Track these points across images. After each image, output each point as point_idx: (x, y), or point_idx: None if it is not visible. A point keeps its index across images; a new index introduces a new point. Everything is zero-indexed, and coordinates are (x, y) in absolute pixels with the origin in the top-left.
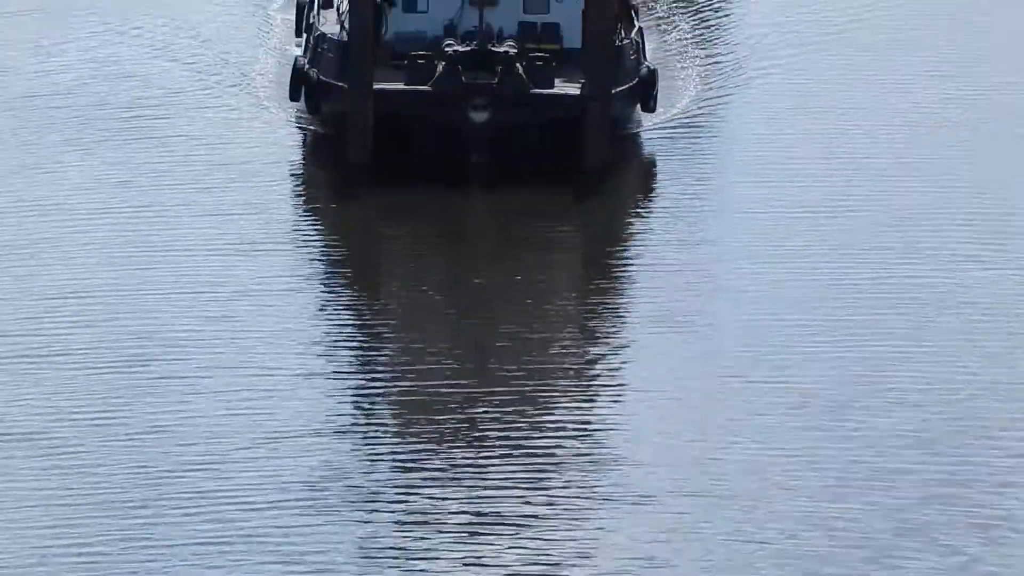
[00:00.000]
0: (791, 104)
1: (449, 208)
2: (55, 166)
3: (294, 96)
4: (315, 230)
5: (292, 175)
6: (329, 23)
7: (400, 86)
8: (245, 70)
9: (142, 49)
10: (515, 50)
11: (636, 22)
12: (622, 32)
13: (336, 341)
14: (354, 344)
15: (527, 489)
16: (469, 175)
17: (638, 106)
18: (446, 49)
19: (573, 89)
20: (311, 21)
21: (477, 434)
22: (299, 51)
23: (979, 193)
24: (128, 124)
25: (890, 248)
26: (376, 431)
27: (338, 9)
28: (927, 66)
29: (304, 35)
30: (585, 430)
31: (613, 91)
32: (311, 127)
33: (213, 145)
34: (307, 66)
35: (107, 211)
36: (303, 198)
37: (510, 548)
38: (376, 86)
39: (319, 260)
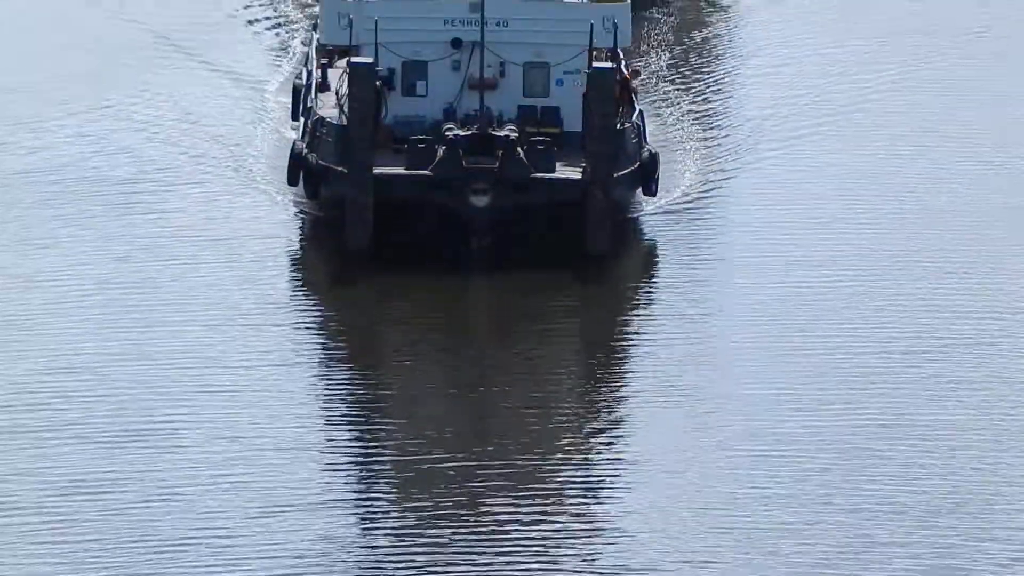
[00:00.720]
0: (792, 187)
1: (449, 291)
2: (51, 241)
3: (292, 180)
4: (314, 310)
5: (291, 259)
6: (326, 107)
7: (400, 171)
8: (242, 153)
9: (137, 129)
10: (516, 134)
11: (636, 105)
12: (623, 115)
13: (333, 415)
14: (352, 418)
15: (527, 563)
16: (470, 260)
17: (639, 190)
18: (446, 133)
19: (574, 173)
20: (308, 104)
21: (477, 508)
22: (296, 134)
23: (981, 281)
24: (123, 200)
25: (890, 329)
26: (374, 504)
27: (337, 93)
28: (931, 149)
29: (301, 119)
30: (585, 503)
31: (615, 175)
32: (310, 212)
33: (210, 222)
34: (305, 151)
35: (103, 285)
36: (302, 281)
37: None
38: (376, 171)
39: (317, 337)
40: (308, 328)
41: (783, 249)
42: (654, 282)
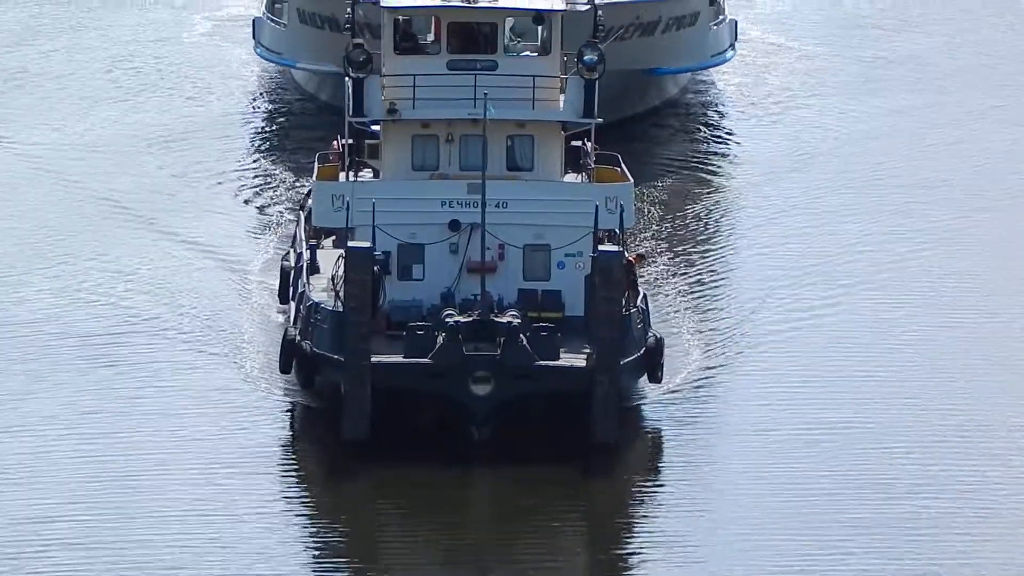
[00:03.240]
0: (793, 372)
1: (450, 484)
2: (24, 395)
3: (285, 368)
4: (309, 503)
5: (284, 450)
6: (317, 290)
7: (398, 358)
8: (228, 339)
9: (114, 314)
10: (518, 320)
11: (640, 288)
12: (628, 300)
13: None
14: None
15: None
16: (471, 451)
17: (644, 376)
18: (445, 319)
19: (579, 361)
20: (300, 289)
21: None
22: (282, 318)
23: (975, 435)
24: (95, 354)
25: (882, 508)
26: None
27: (333, 279)
28: (928, 329)
29: (292, 303)
30: None
31: (621, 363)
32: (303, 401)
33: (196, 420)
34: (298, 337)
35: (75, 437)
36: (296, 473)
37: None
38: (373, 359)
39: (312, 529)
40: (303, 521)
41: (786, 440)
42: (661, 475)
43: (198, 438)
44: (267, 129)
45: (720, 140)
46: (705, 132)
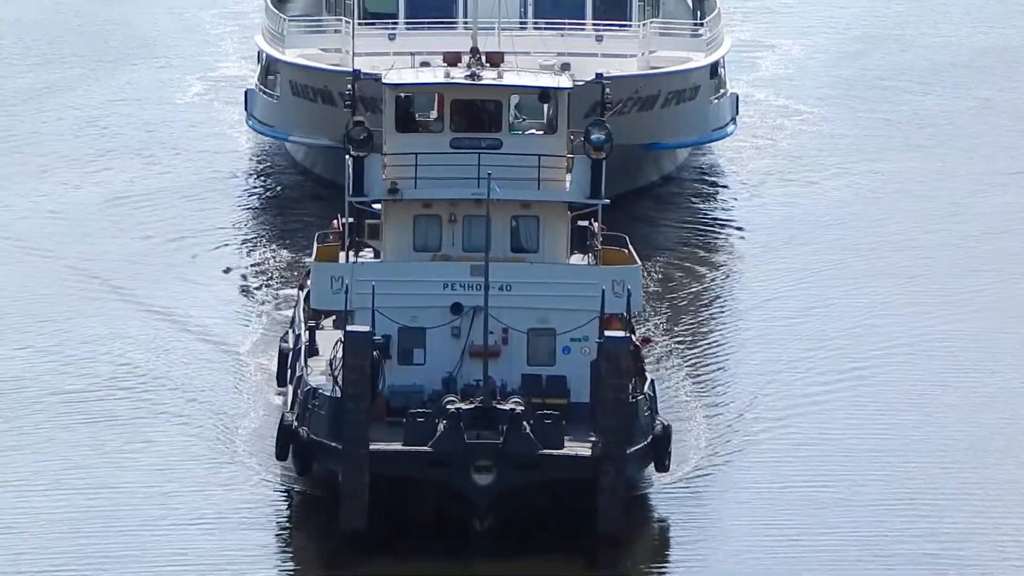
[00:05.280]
0: (803, 458)
1: None
2: (11, 452)
3: (281, 455)
4: None
5: (279, 540)
6: (316, 373)
7: (398, 446)
8: (223, 423)
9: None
10: (521, 407)
11: (647, 375)
12: (635, 387)
13: None
14: None
15: None
16: (472, 543)
17: (652, 464)
18: (446, 406)
19: (584, 450)
20: (298, 372)
21: None
22: (280, 401)
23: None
24: (81, 411)
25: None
26: None
27: (331, 363)
28: (936, 423)
29: (289, 386)
30: None
31: (628, 452)
32: (300, 488)
33: (188, 500)
34: (295, 423)
35: (64, 490)
36: (292, 565)
37: None
38: (372, 446)
39: None
40: None
41: (798, 531)
42: (669, 569)
43: (191, 525)
44: (259, 203)
45: (723, 215)
46: (706, 206)
